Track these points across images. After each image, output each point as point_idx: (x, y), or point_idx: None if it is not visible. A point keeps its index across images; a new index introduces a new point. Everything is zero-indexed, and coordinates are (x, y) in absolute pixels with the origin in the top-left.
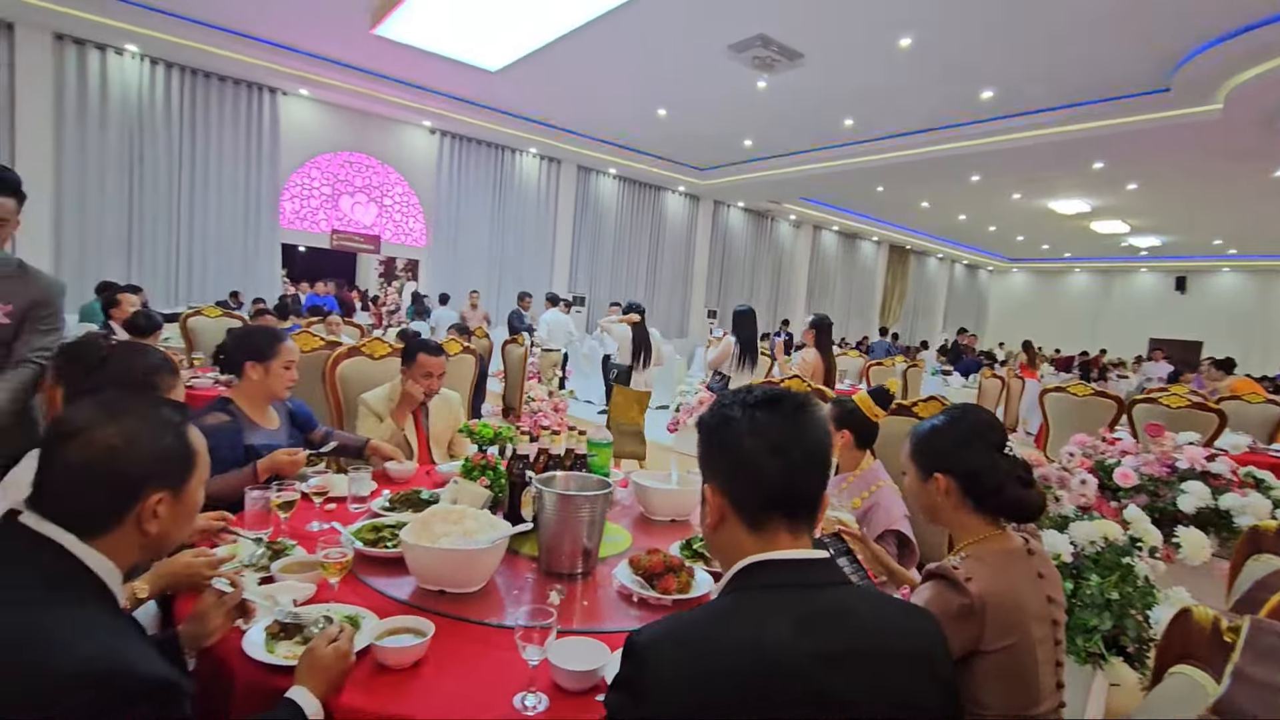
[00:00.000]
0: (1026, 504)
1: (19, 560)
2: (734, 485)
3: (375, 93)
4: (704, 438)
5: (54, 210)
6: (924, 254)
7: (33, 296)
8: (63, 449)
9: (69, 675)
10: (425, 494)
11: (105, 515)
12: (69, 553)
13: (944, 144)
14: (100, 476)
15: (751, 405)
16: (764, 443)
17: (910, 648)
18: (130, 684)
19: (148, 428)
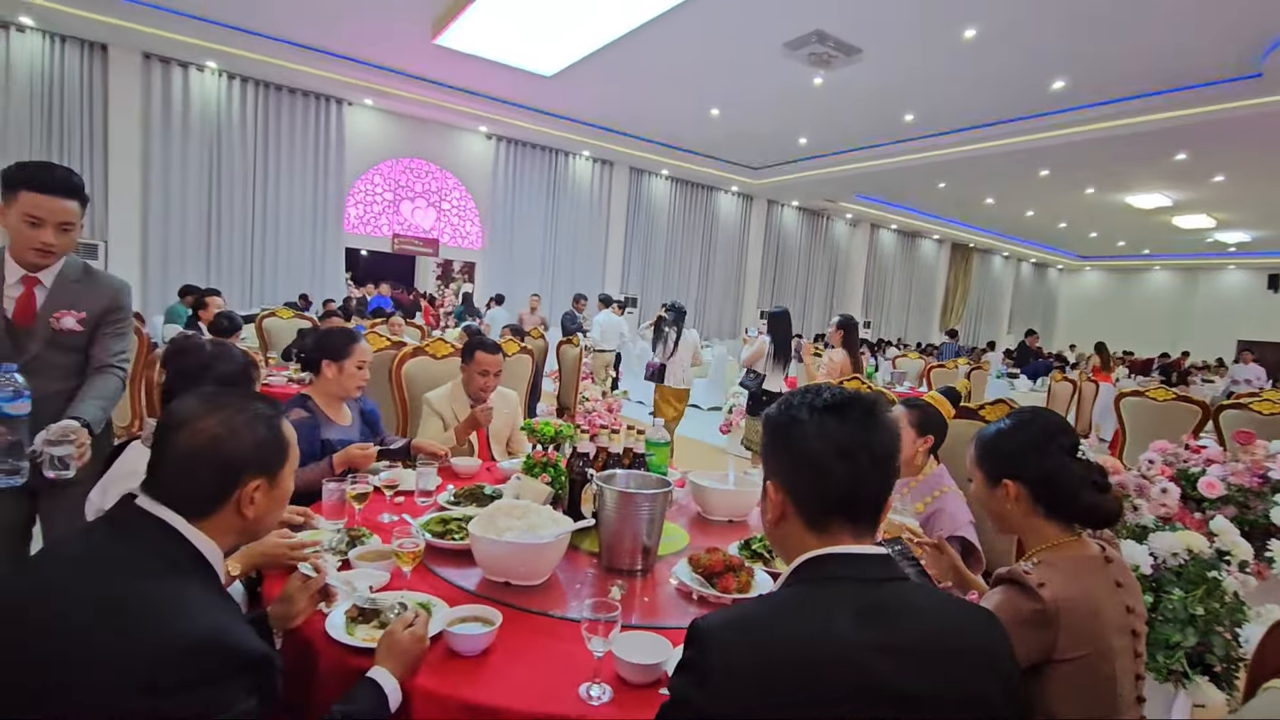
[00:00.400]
0: (1102, 510)
1: (137, 538)
2: (797, 485)
3: (435, 100)
4: (769, 435)
5: (141, 218)
6: (989, 252)
7: (104, 302)
8: (173, 437)
9: (190, 644)
10: (488, 489)
11: (210, 499)
12: (179, 533)
13: (1011, 138)
14: (206, 462)
15: (820, 409)
16: (831, 446)
17: (971, 644)
18: (236, 656)
19: (246, 419)
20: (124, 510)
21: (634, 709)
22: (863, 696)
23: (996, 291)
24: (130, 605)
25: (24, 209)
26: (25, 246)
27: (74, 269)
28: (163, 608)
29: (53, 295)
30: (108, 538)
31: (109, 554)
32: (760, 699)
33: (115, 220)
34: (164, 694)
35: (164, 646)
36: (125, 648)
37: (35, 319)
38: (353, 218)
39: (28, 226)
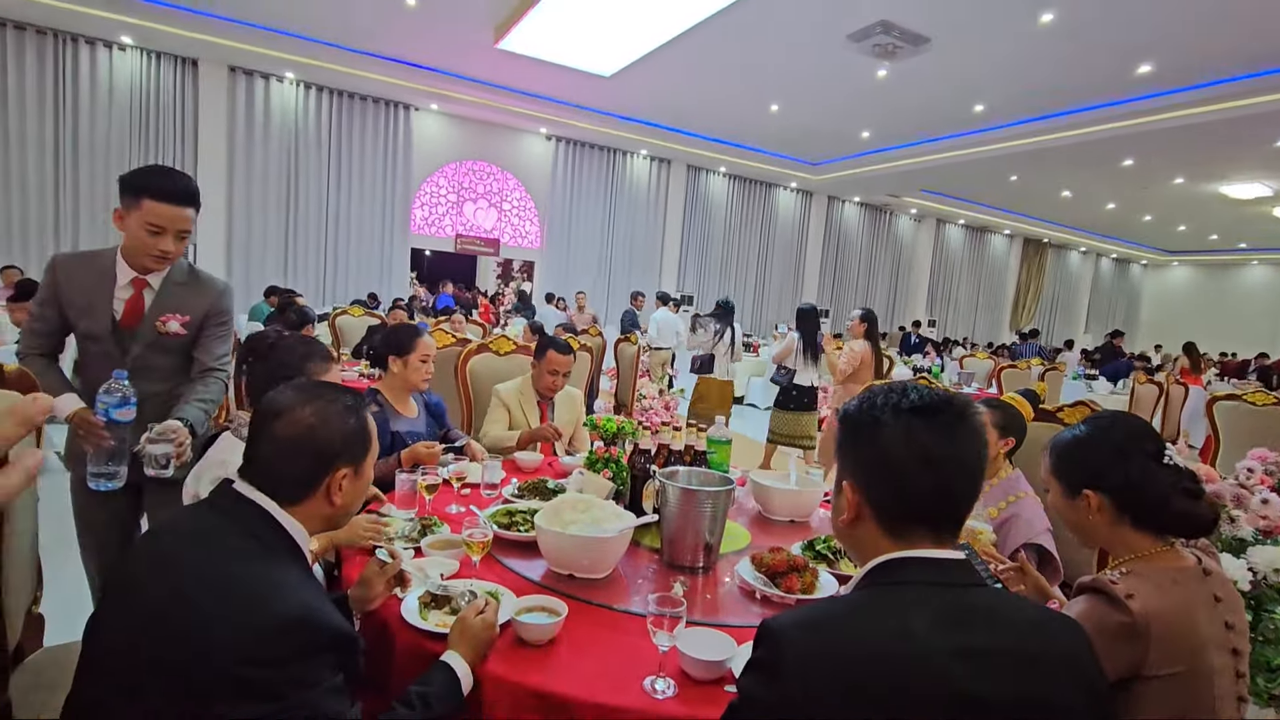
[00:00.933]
0: (1196, 518)
1: (236, 521)
2: (876, 489)
3: (497, 103)
4: (848, 433)
5: (227, 222)
6: (1064, 247)
7: (207, 306)
8: (271, 426)
9: (285, 621)
10: (551, 483)
11: (303, 485)
12: (272, 517)
13: (1090, 126)
14: (302, 450)
15: (907, 411)
16: (916, 453)
17: (1055, 653)
18: (325, 634)
19: (338, 410)
20: (223, 495)
21: (698, 705)
22: (940, 702)
23: (1073, 289)
24: (233, 583)
25: (146, 217)
26: (144, 252)
27: (180, 271)
28: (261, 587)
29: (159, 298)
30: (210, 520)
31: (211, 534)
32: (833, 702)
33: (204, 224)
34: (262, 666)
35: (263, 623)
36: (229, 622)
37: (142, 321)
38: (418, 219)
39: (148, 234)
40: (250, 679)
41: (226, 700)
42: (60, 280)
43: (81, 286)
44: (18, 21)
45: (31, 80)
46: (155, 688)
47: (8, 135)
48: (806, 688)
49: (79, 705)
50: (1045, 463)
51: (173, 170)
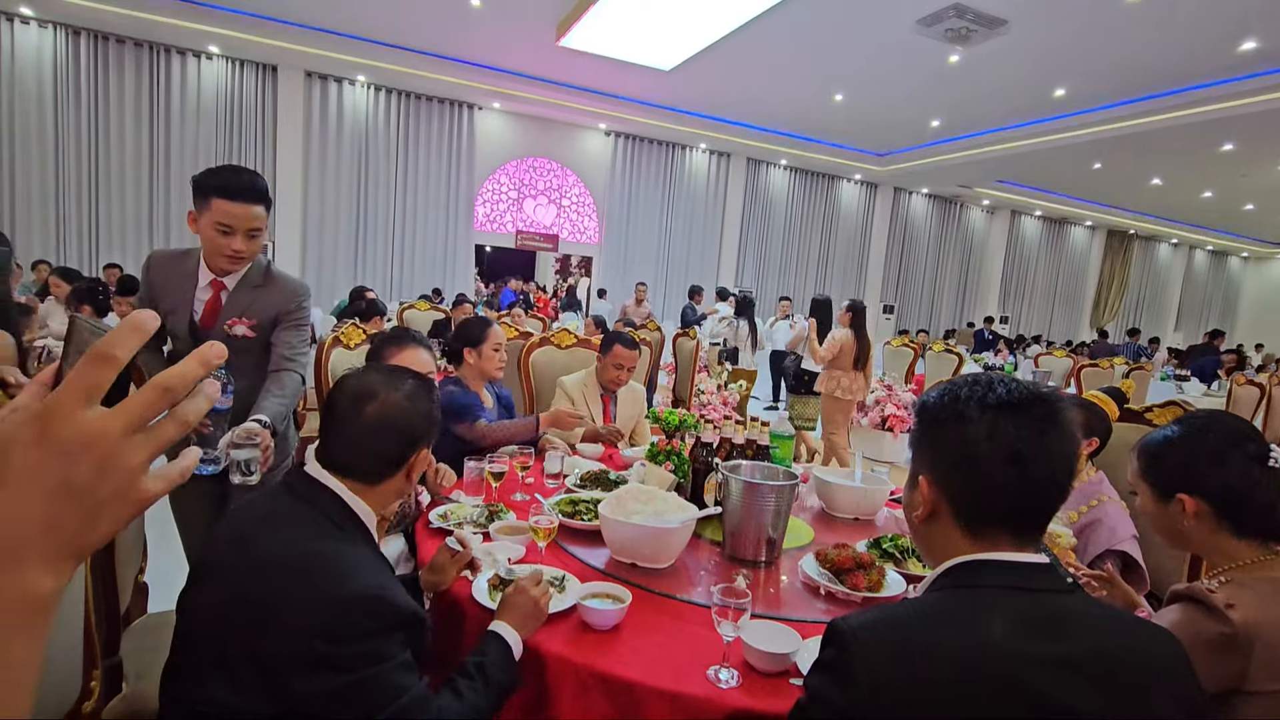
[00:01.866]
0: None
1: (309, 502)
2: (955, 486)
3: (557, 100)
4: (926, 427)
5: (302, 221)
6: (1152, 239)
7: (279, 307)
8: (363, 408)
9: (360, 597)
10: (613, 475)
11: (391, 464)
12: (342, 499)
13: (1185, 109)
14: (393, 431)
15: (994, 406)
16: (1002, 451)
17: (1148, 663)
18: (396, 612)
19: (420, 393)
20: (298, 479)
21: (762, 696)
22: (1023, 713)
23: (1161, 284)
24: (308, 561)
25: (215, 217)
26: (217, 253)
27: (256, 272)
28: (335, 565)
29: (232, 300)
30: (285, 502)
31: (286, 516)
32: (906, 707)
33: (282, 224)
34: (335, 640)
35: (337, 599)
36: (304, 598)
37: (215, 323)
38: (480, 216)
39: (219, 234)
40: (324, 653)
41: (301, 673)
42: (154, 279)
43: (170, 285)
44: (118, 35)
45: (130, 89)
46: (238, 659)
47: (109, 140)
48: (878, 691)
49: (175, 671)
50: (1134, 464)
51: (241, 168)
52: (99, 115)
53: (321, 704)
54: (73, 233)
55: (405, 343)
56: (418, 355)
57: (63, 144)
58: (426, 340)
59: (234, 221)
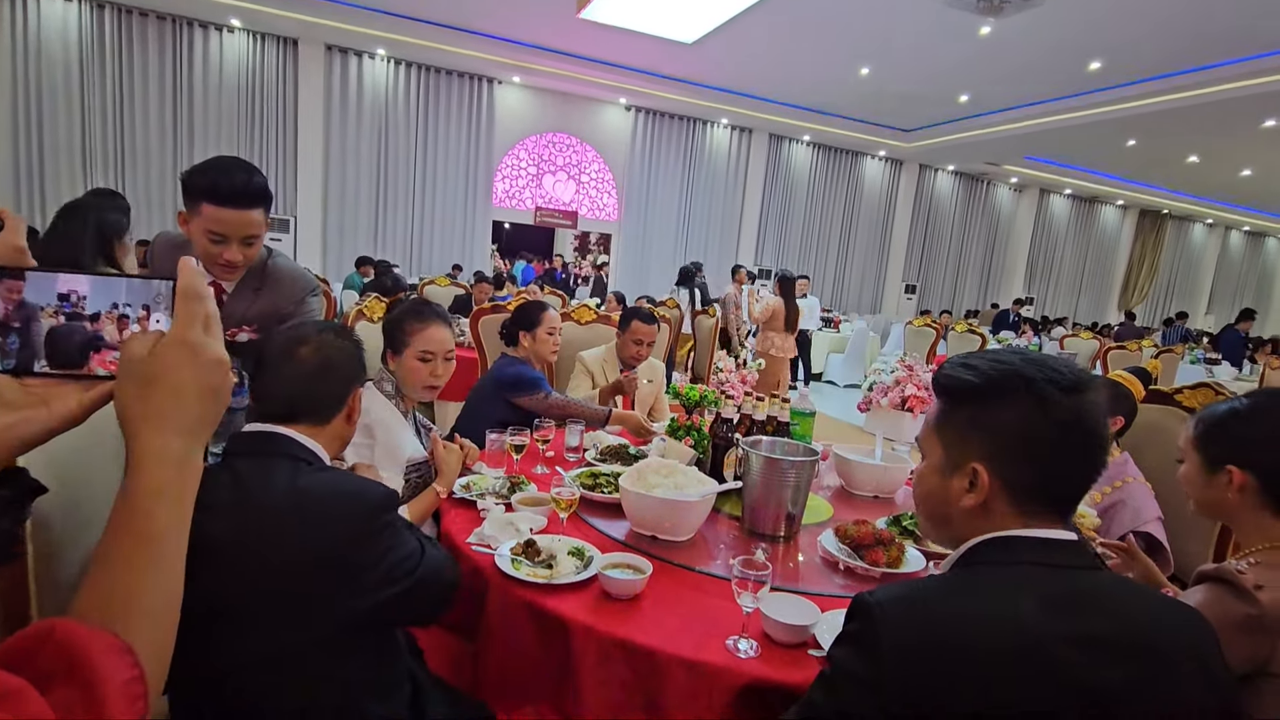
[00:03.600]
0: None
1: (272, 454)
2: (1020, 472)
3: (577, 74)
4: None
5: (323, 196)
6: (1186, 219)
7: (279, 307)
8: (297, 352)
9: (380, 499)
10: (632, 449)
11: (333, 405)
12: (297, 440)
13: (1227, 83)
14: (335, 369)
15: (1069, 388)
16: (1081, 436)
17: (1177, 643)
18: (397, 501)
19: (344, 339)
20: (245, 441)
21: (780, 666)
22: (1050, 689)
23: (1194, 265)
24: (310, 491)
25: (206, 224)
26: (209, 262)
27: (254, 273)
28: (348, 484)
29: (230, 306)
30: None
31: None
32: (934, 681)
33: (303, 198)
34: (365, 539)
35: (369, 507)
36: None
37: None
38: (499, 192)
39: (211, 243)
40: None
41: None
42: (156, 268)
43: None
44: (141, 9)
45: (154, 63)
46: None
47: (134, 115)
48: (903, 664)
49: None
50: (1188, 431)
51: (234, 163)
52: (124, 90)
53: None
54: None
55: (428, 318)
56: (440, 331)
57: (89, 119)
58: (448, 315)
59: (226, 230)
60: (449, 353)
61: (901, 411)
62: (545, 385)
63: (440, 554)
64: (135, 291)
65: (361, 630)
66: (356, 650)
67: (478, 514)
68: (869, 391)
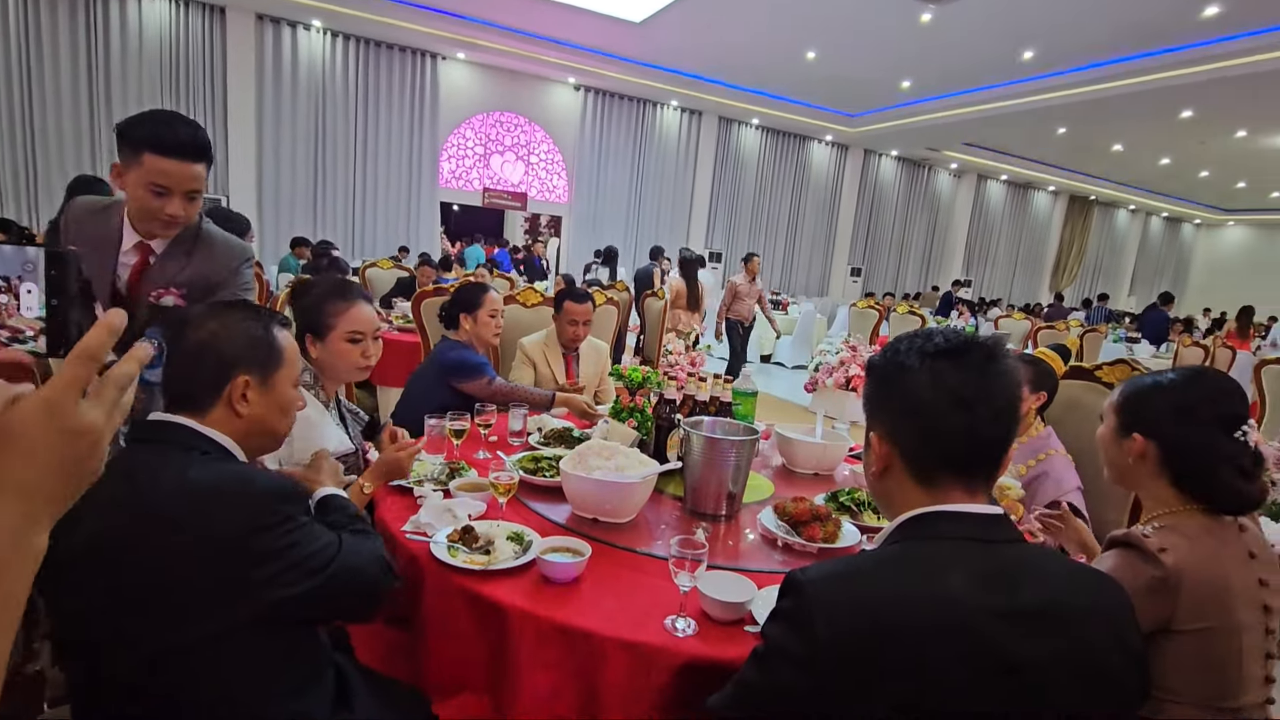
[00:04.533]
0: (1240, 497)
1: (166, 443)
2: (906, 438)
3: (524, 51)
4: (876, 383)
5: (257, 174)
6: (1112, 205)
7: (211, 275)
8: (179, 335)
9: (276, 490)
10: (576, 432)
11: (206, 390)
12: (198, 431)
13: (1148, 75)
14: (205, 355)
15: (932, 354)
16: (945, 395)
17: (1096, 612)
18: (299, 492)
19: (242, 318)
20: (141, 429)
21: (718, 644)
22: (977, 661)
23: (1118, 249)
24: (212, 481)
25: (148, 176)
26: (149, 217)
27: (188, 234)
28: (233, 474)
29: (160, 266)
30: (140, 455)
31: (150, 463)
32: (865, 657)
33: (235, 176)
34: (256, 533)
35: (260, 497)
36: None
37: (140, 291)
38: (445, 172)
39: (152, 195)
40: (264, 546)
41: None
42: (72, 235)
43: (89, 245)
44: None
45: (64, 30)
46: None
47: (44, 89)
48: (834, 639)
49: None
50: (1114, 396)
51: (177, 117)
52: (30, 60)
53: (281, 586)
54: (8, 189)
55: (352, 297)
56: (365, 309)
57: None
58: (368, 295)
59: (170, 182)
60: (377, 331)
61: (846, 391)
62: (489, 370)
63: (367, 550)
64: (5, 260)
65: (266, 627)
66: (262, 647)
67: (414, 501)
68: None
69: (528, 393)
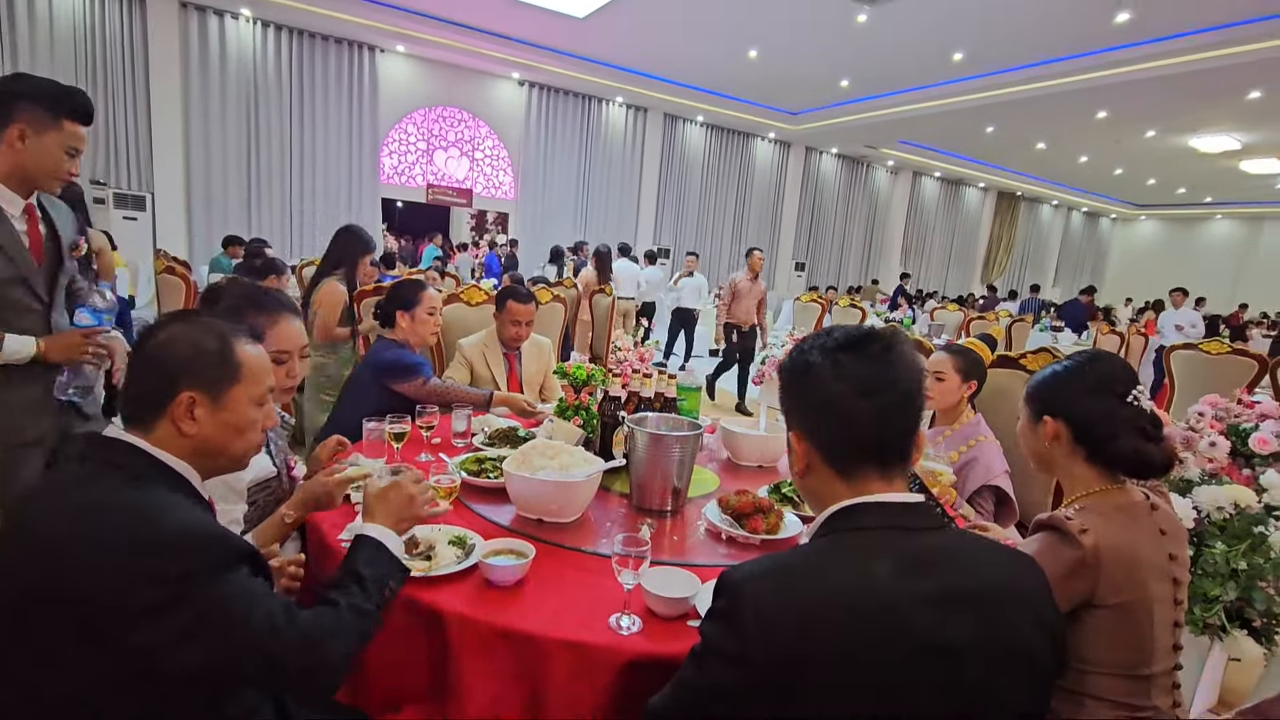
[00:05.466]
0: (1146, 457)
1: (95, 460)
2: (820, 432)
3: (466, 45)
4: (786, 384)
5: (185, 170)
6: (1036, 201)
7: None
8: (140, 345)
9: (184, 537)
10: (521, 431)
11: (149, 406)
12: (138, 447)
13: (1068, 77)
14: (148, 366)
15: (833, 349)
16: (851, 386)
17: (1016, 594)
18: (233, 547)
19: (193, 330)
20: (85, 444)
21: (662, 640)
22: (905, 649)
23: (1043, 242)
24: (116, 515)
25: (68, 140)
26: (54, 176)
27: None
28: (146, 511)
29: (57, 219)
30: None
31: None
32: (796, 650)
33: (161, 173)
34: (166, 581)
35: (154, 542)
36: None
37: (44, 257)
38: (387, 168)
39: (69, 157)
40: (148, 601)
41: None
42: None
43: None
44: None
45: None
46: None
47: None
48: (767, 636)
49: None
50: (1026, 389)
51: (75, 88)
52: None
53: (170, 650)
54: None
55: (275, 310)
56: (293, 324)
57: None
58: (294, 305)
59: (82, 145)
60: (304, 348)
61: None
62: (426, 370)
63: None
64: None
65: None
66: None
67: (352, 508)
68: (762, 365)
69: (464, 392)
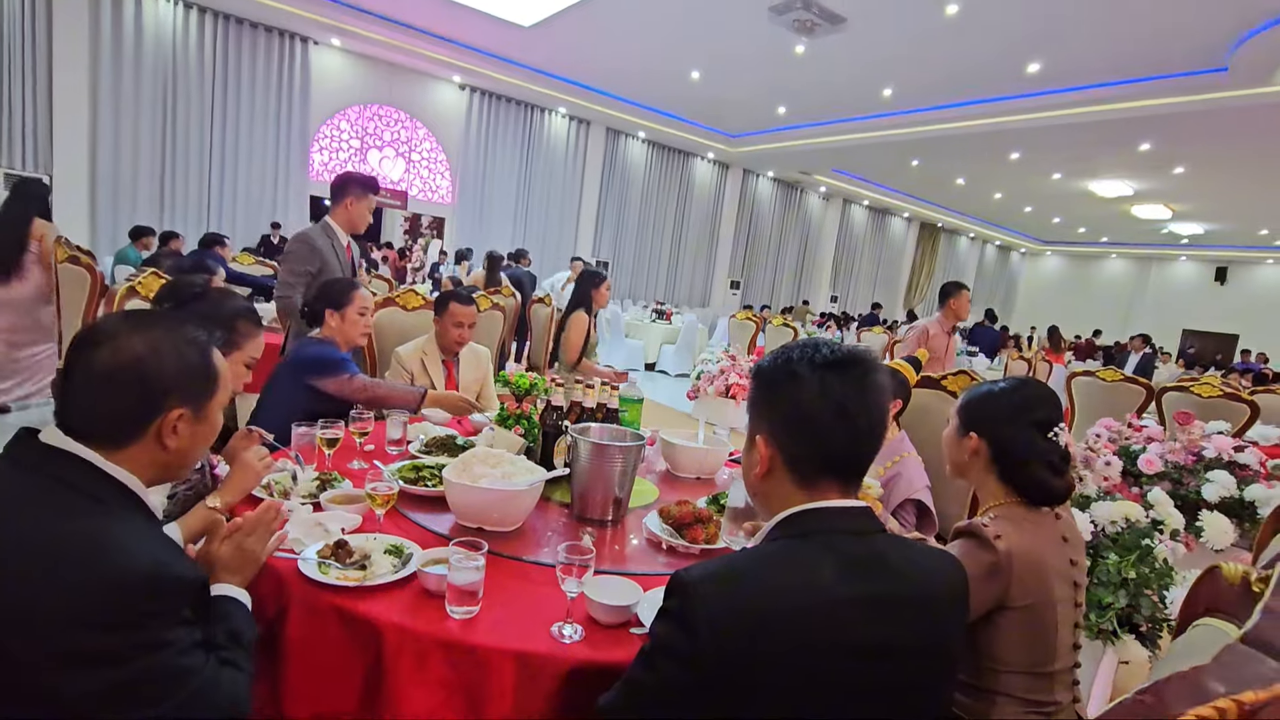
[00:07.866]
0: (1049, 489)
1: (48, 476)
2: (790, 442)
3: (406, 44)
4: (762, 388)
5: (90, 153)
6: (955, 233)
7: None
8: (90, 356)
9: (129, 577)
10: (460, 440)
11: (129, 425)
12: (94, 466)
13: (985, 118)
14: (126, 384)
15: (822, 365)
16: (832, 406)
17: (945, 595)
18: (179, 586)
19: (174, 341)
20: (26, 448)
21: (604, 648)
22: (846, 649)
23: (960, 272)
24: (63, 547)
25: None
26: None
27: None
28: (99, 544)
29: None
30: (16, 481)
31: (25, 497)
32: (745, 650)
33: (61, 154)
34: (114, 629)
35: (109, 583)
36: (67, 589)
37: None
38: (317, 165)
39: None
40: (94, 646)
41: (69, 673)
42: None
43: None
44: None
45: None
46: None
47: None
48: (718, 635)
49: None
50: (959, 399)
51: None
52: None
53: (96, 704)
54: None
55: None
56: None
57: None
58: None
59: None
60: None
61: (725, 399)
62: (351, 366)
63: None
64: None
65: None
66: None
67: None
68: (697, 380)
69: (395, 390)
